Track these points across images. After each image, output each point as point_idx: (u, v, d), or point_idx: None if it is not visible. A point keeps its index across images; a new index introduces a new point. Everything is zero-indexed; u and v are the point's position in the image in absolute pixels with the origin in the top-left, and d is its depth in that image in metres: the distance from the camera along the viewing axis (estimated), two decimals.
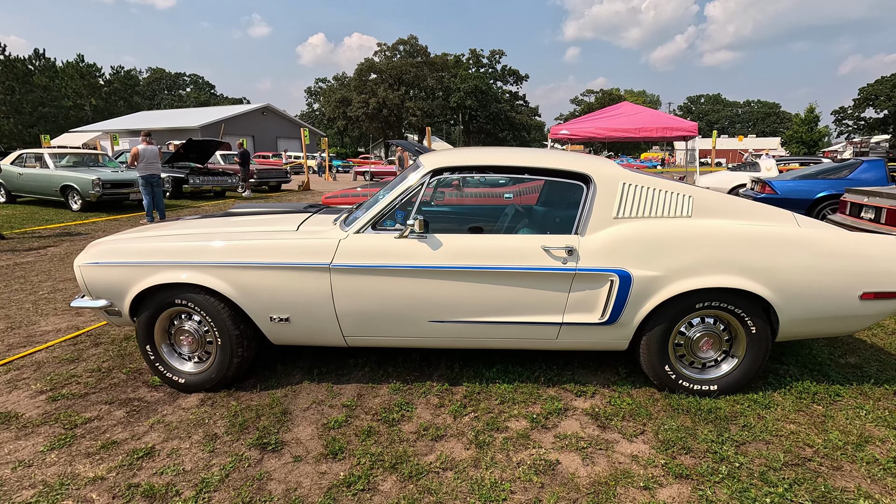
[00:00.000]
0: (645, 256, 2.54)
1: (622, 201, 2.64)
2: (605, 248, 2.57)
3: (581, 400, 2.73)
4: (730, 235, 2.55)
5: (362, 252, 2.62)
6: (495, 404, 2.68)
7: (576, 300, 2.62)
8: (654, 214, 2.64)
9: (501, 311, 2.65)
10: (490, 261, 2.58)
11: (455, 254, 2.60)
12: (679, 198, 2.66)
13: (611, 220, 2.62)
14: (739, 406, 2.61)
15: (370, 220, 2.70)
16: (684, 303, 2.59)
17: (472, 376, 2.99)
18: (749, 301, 2.59)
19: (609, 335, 2.70)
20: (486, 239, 2.64)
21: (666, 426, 2.43)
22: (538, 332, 2.71)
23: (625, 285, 2.55)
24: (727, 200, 2.71)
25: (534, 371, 3.04)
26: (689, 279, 2.53)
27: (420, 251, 2.61)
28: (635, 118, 9.13)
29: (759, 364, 2.66)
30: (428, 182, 2.72)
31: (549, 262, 2.57)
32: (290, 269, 2.63)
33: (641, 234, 2.57)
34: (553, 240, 2.61)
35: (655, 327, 2.64)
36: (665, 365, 2.69)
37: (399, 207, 2.74)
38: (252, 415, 2.56)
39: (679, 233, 2.56)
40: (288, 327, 2.75)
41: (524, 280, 2.59)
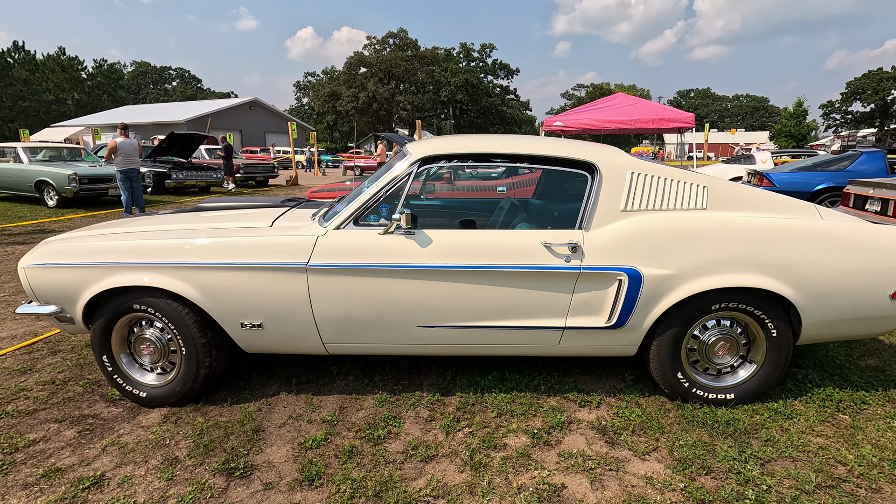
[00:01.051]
0: (656, 253, 2.30)
1: (631, 192, 2.39)
2: (612, 245, 2.32)
3: (586, 411, 2.49)
4: (749, 230, 2.31)
5: (343, 250, 2.35)
6: (492, 417, 2.43)
7: (580, 302, 2.37)
8: (666, 207, 2.39)
9: (498, 314, 2.39)
10: (485, 259, 2.32)
11: (446, 252, 2.33)
12: (693, 188, 2.42)
13: (618, 214, 2.37)
14: (759, 417, 2.38)
15: (351, 215, 2.42)
16: (699, 304, 2.35)
17: (465, 385, 2.74)
18: (769, 301, 2.36)
19: (616, 340, 2.45)
20: (481, 235, 2.37)
21: (681, 441, 2.19)
22: (539, 338, 2.45)
23: (634, 285, 2.30)
24: (745, 191, 2.46)
25: (533, 378, 2.79)
26: (705, 278, 2.29)
27: (407, 249, 2.34)
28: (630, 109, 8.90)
29: (780, 370, 2.43)
30: (416, 172, 2.45)
31: (550, 260, 2.32)
32: (262, 270, 2.35)
33: (653, 229, 2.32)
34: (555, 235, 2.36)
35: (667, 331, 2.40)
36: (678, 372, 2.45)
37: (384, 200, 2.47)
38: (220, 433, 2.29)
39: (694, 227, 2.31)
40: (261, 334, 2.47)
41: (523, 280, 2.34)
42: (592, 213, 2.38)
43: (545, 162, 2.49)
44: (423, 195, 4.30)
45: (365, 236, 2.37)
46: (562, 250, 2.33)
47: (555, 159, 2.47)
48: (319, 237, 2.38)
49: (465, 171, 7.28)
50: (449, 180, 6.44)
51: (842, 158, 8.06)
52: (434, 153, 2.46)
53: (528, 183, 6.11)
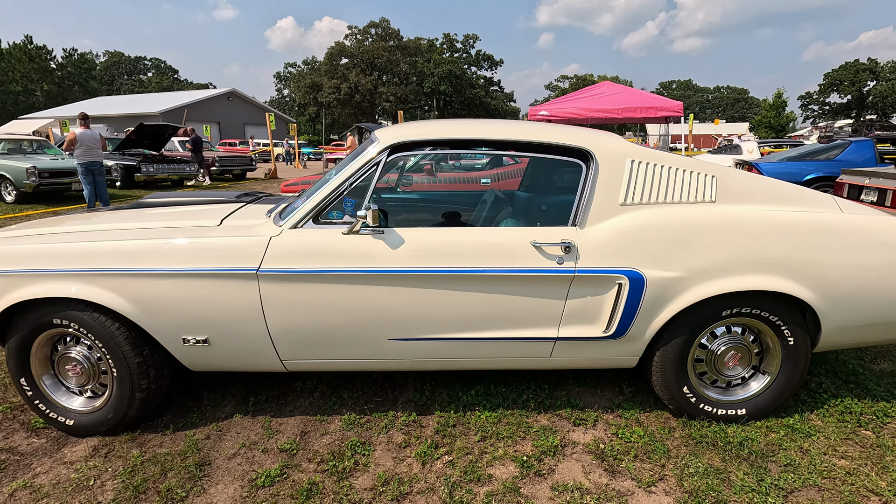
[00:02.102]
0: (661, 253, 2.01)
1: (631, 183, 2.09)
2: (610, 244, 2.02)
3: (581, 431, 2.21)
4: (765, 225, 2.04)
5: (300, 253, 2.02)
6: (475, 441, 2.13)
7: (574, 309, 2.07)
8: (671, 200, 2.10)
9: (480, 325, 2.09)
10: (465, 262, 2.01)
11: (420, 253, 2.01)
12: (700, 178, 2.13)
13: (617, 208, 2.08)
14: (774, 435, 2.13)
15: (310, 212, 2.08)
16: (708, 310, 2.08)
17: (446, 402, 2.43)
18: (786, 306, 2.09)
19: (615, 351, 2.17)
20: (460, 234, 2.06)
21: (691, 468, 1.92)
22: (528, 350, 2.16)
23: (636, 290, 2.01)
24: (757, 181, 2.19)
25: (521, 392, 2.49)
26: (716, 281, 2.01)
27: (374, 250, 2.01)
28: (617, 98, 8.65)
29: (797, 382, 2.18)
30: (385, 161, 2.11)
31: (540, 261, 2.02)
32: (206, 277, 2.01)
33: (656, 225, 2.03)
34: (545, 233, 2.05)
35: (672, 340, 2.12)
36: (683, 386, 2.18)
37: (349, 194, 2.13)
38: (156, 470, 1.95)
39: (703, 223, 2.03)
40: (207, 351, 2.13)
41: (509, 286, 2.03)
42: (588, 207, 2.08)
43: (534, 149, 2.18)
44: (400, 188, 3.97)
45: (326, 236, 2.04)
46: (553, 251, 2.02)
47: (545, 146, 2.16)
48: (273, 238, 2.04)
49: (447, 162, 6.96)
50: (430, 172, 6.10)
51: (831, 147, 7.91)
52: (406, 139, 2.13)
53: (515, 174, 5.81)
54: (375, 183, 2.10)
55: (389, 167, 2.98)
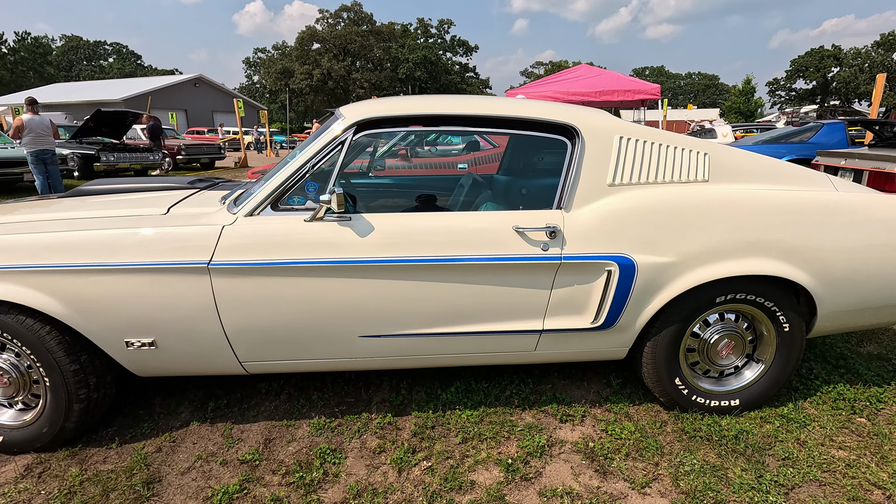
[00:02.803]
0: (653, 237, 1.86)
1: (620, 162, 1.93)
2: (598, 228, 1.87)
3: (568, 428, 2.07)
4: (761, 206, 1.91)
5: (256, 243, 1.80)
6: (456, 444, 1.97)
7: (560, 299, 1.92)
8: (662, 179, 1.95)
9: (459, 318, 1.91)
10: (441, 250, 1.82)
11: (391, 241, 1.82)
12: (693, 156, 1.99)
13: (605, 189, 1.92)
14: (769, 426, 2.03)
15: (268, 197, 1.86)
16: (702, 297, 1.95)
17: (423, 401, 2.26)
18: (782, 291, 1.98)
19: (604, 343, 2.03)
20: (435, 219, 1.87)
21: (686, 466, 1.80)
22: (511, 344, 2.00)
23: (626, 276, 1.86)
24: (750, 159, 2.06)
25: (504, 388, 2.34)
26: (711, 266, 1.88)
27: (341, 239, 1.81)
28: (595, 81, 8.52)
29: (791, 370, 2.08)
30: (351, 140, 1.90)
31: (524, 248, 1.85)
32: (149, 273, 1.77)
33: (647, 207, 1.88)
34: (529, 217, 1.88)
35: (664, 330, 1.99)
36: (675, 377, 2.05)
37: (311, 178, 1.92)
38: (98, 490, 1.73)
39: (696, 204, 1.89)
40: (155, 355, 1.90)
41: (490, 275, 1.86)
42: (574, 188, 1.91)
43: (515, 126, 1.99)
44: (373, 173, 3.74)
45: (286, 224, 1.83)
46: (538, 236, 1.86)
47: (527, 122, 1.98)
48: (226, 227, 1.82)
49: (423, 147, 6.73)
50: (405, 157, 5.88)
51: (804, 130, 7.97)
52: (374, 116, 1.92)
53: (493, 159, 5.63)
54: (341, 165, 1.89)
55: (358, 148, 2.74)
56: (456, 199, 2.76)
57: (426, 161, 5.84)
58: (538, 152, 2.60)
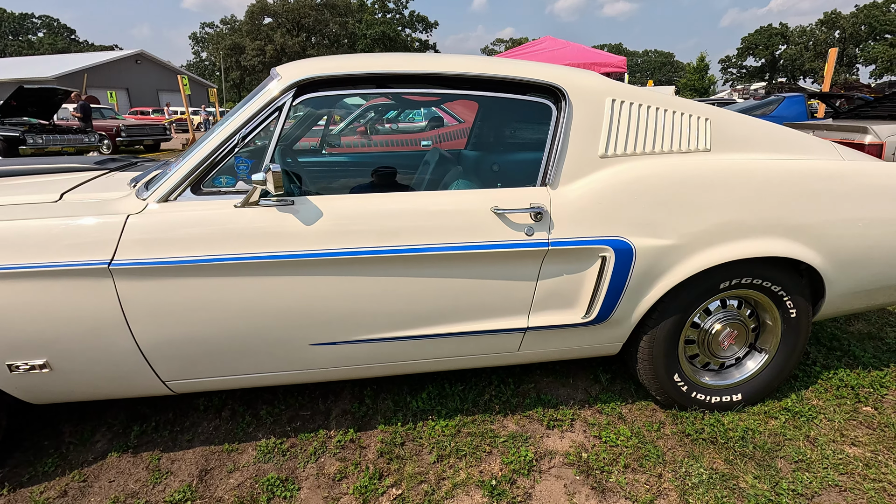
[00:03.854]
0: (652, 217, 1.60)
1: (613, 130, 1.65)
2: (591, 207, 1.59)
3: (556, 436, 1.82)
4: (769, 179, 1.68)
5: (171, 237, 1.43)
6: (430, 464, 1.69)
7: (548, 291, 1.64)
8: (660, 149, 1.69)
9: (430, 319, 1.61)
10: (405, 238, 1.51)
11: (345, 228, 1.49)
12: (693, 122, 1.73)
13: (596, 161, 1.64)
14: (775, 422, 1.84)
15: (187, 178, 1.49)
16: (705, 283, 1.72)
17: (391, 411, 1.97)
18: (789, 273, 1.77)
19: (596, 339, 1.78)
20: (398, 201, 1.55)
21: (693, 477, 1.58)
22: (491, 346, 1.72)
23: (623, 263, 1.60)
24: (753, 124, 1.82)
25: (482, 391, 2.07)
26: (716, 248, 1.64)
27: (281, 227, 1.47)
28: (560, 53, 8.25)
29: (796, 359, 1.89)
30: (291, 104, 1.54)
31: (504, 233, 1.55)
32: (33, 277, 1.38)
33: (646, 182, 1.61)
34: (510, 197, 1.59)
35: (662, 321, 1.75)
36: (674, 374, 1.83)
37: (243, 153, 1.55)
38: None
39: (699, 177, 1.64)
40: (50, 379, 1.52)
41: (465, 267, 1.56)
42: (561, 161, 1.62)
43: (489, 87, 1.67)
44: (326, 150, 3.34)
45: (210, 211, 1.46)
46: (521, 218, 1.57)
47: (503, 82, 1.66)
48: (132, 217, 1.44)
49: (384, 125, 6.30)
50: (364, 135, 5.46)
51: (767, 103, 7.99)
52: (318, 75, 1.56)
53: (459, 135, 5.29)
54: (279, 136, 1.52)
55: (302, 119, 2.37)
56: (421, 178, 2.42)
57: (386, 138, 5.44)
58: (517, 119, 2.29)
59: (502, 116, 2.44)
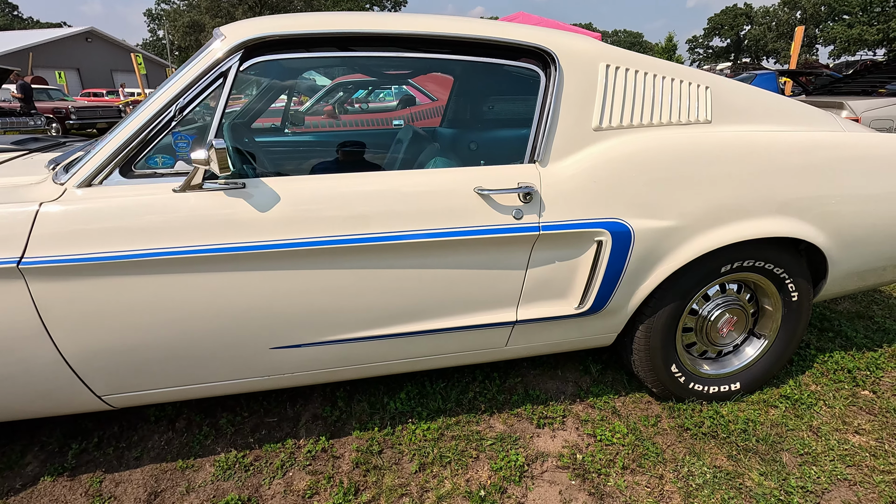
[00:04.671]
0: (651, 195, 1.45)
1: (608, 99, 1.48)
2: (585, 186, 1.43)
3: (548, 435, 1.68)
4: (773, 153, 1.54)
5: (95, 228, 1.20)
6: (411, 474, 1.52)
7: (538, 281, 1.48)
8: (658, 121, 1.53)
9: (407, 315, 1.43)
10: (377, 224, 1.31)
11: (307, 215, 1.28)
12: (692, 91, 1.57)
13: (590, 134, 1.47)
14: (775, 411, 1.74)
15: (114, 158, 1.25)
16: (706, 267, 1.58)
17: (366, 414, 1.79)
18: (791, 254, 1.66)
19: (589, 330, 1.63)
20: (368, 181, 1.35)
21: (696, 477, 1.47)
22: (476, 342, 1.55)
23: (621, 247, 1.45)
24: (752, 93, 1.68)
25: (465, 388, 1.91)
26: (719, 229, 1.50)
27: (232, 215, 1.25)
28: None
29: (795, 344, 1.79)
30: (238, 69, 1.31)
31: (490, 216, 1.38)
32: None
33: (645, 157, 1.45)
34: (495, 175, 1.40)
35: (660, 310, 1.61)
36: (671, 364, 1.71)
37: (179, 127, 1.32)
38: None
39: (702, 152, 1.49)
40: None
41: (445, 256, 1.38)
42: (551, 135, 1.44)
43: (470, 50, 1.47)
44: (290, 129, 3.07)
45: (144, 197, 1.23)
46: (508, 199, 1.39)
47: (486, 45, 1.47)
48: (45, 205, 1.20)
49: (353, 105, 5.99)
50: (331, 115, 5.16)
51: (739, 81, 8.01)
52: (270, 34, 1.32)
53: (433, 114, 5.06)
54: (224, 107, 1.29)
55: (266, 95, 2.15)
56: (393, 157, 2.21)
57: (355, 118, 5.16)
58: (500, 89, 2.10)
59: (482, 87, 2.24)
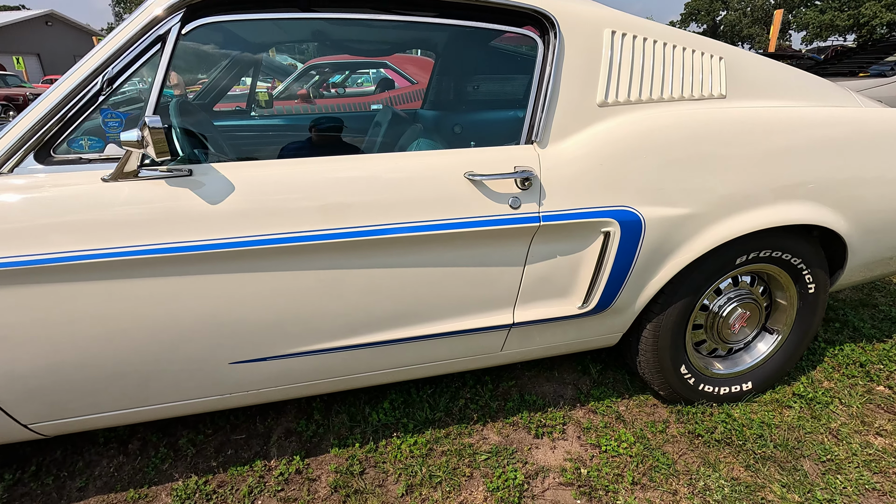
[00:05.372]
0: (664, 180, 1.28)
1: (614, 70, 1.30)
2: (591, 169, 1.25)
3: (547, 446, 1.52)
4: (795, 131, 1.39)
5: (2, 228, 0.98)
6: (397, 497, 1.35)
7: (537, 278, 1.31)
8: (670, 95, 1.35)
9: (387, 322, 1.25)
10: (348, 217, 1.12)
11: (264, 207, 1.08)
12: (706, 62, 1.40)
13: (595, 111, 1.29)
14: (789, 412, 1.62)
15: (24, 143, 1.02)
16: (722, 258, 1.43)
17: (345, 427, 1.61)
18: (810, 243, 1.51)
19: (592, 331, 1.47)
20: (340, 167, 1.15)
21: (714, 492, 1.33)
22: (467, 348, 1.38)
23: (630, 239, 1.28)
24: (768, 66, 1.51)
25: (455, 395, 1.74)
26: (738, 216, 1.35)
27: (173, 208, 1.04)
28: None
29: (809, 339, 1.67)
30: (179, 32, 1.08)
31: (483, 205, 1.19)
32: None
33: (658, 136, 1.28)
34: (487, 158, 1.22)
35: (670, 306, 1.46)
36: (681, 365, 1.56)
37: (111, 102, 1.09)
38: None
39: (718, 131, 1.33)
40: None
41: (432, 253, 1.20)
42: (550, 111, 1.26)
43: (457, 13, 1.27)
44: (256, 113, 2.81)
45: (65, 187, 1.01)
46: (503, 185, 1.21)
47: (474, 6, 1.27)
48: None
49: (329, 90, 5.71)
50: (306, 99, 4.88)
51: None
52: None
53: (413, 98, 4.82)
54: (165, 77, 1.07)
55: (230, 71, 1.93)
56: (372, 142, 2.01)
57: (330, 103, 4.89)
58: (490, 63, 1.90)
59: (470, 61, 2.03)
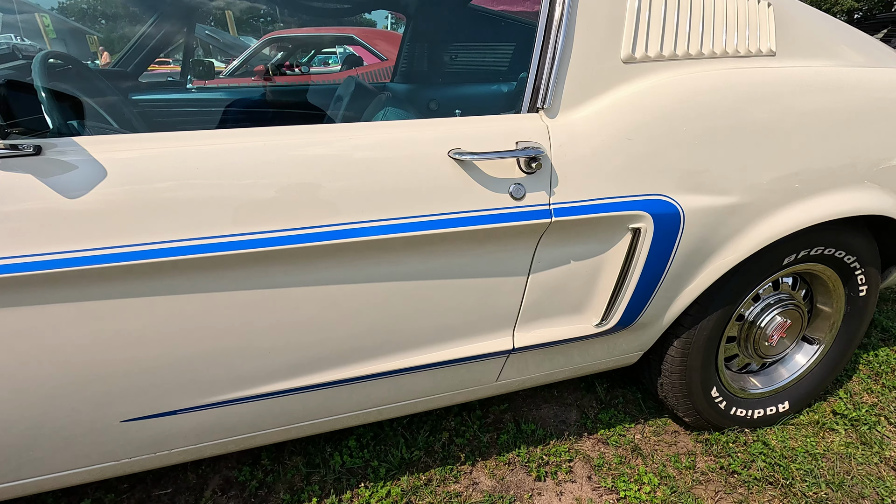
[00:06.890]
0: (707, 160, 0.98)
1: (642, 17, 0.99)
2: (614, 146, 0.94)
3: (552, 491, 1.23)
4: (860, 99, 1.11)
5: None
6: None
7: (545, 290, 1.00)
8: (710, 51, 1.05)
9: (349, 354, 0.92)
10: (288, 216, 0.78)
11: (159, 200, 0.73)
12: (751, 10, 1.10)
13: (619, 68, 0.97)
14: (834, 437, 1.37)
15: None
16: (768, 258, 1.15)
17: (300, 475, 1.28)
18: (864, 237, 1.25)
19: (608, 351, 1.18)
20: (277, 141, 0.80)
21: None
22: (455, 381, 1.07)
23: (665, 237, 0.99)
24: (817, 17, 1.22)
25: (437, 427, 1.43)
26: (794, 206, 1.07)
27: (9, 205, 0.68)
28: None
29: (853, 349, 1.42)
30: None
31: (473, 196, 0.87)
32: None
33: (699, 103, 0.98)
34: (479, 130, 0.89)
35: (703, 319, 1.18)
36: (711, 387, 1.29)
37: None
38: None
39: (772, 96, 1.03)
40: None
41: (405, 262, 0.87)
42: (562, 68, 0.94)
43: None
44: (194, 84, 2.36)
45: None
46: (500, 168, 0.89)
47: None
48: None
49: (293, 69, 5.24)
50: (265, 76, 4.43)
51: None
52: None
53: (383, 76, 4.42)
54: None
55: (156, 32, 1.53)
56: (333, 115, 1.65)
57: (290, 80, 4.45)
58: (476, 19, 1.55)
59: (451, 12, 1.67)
